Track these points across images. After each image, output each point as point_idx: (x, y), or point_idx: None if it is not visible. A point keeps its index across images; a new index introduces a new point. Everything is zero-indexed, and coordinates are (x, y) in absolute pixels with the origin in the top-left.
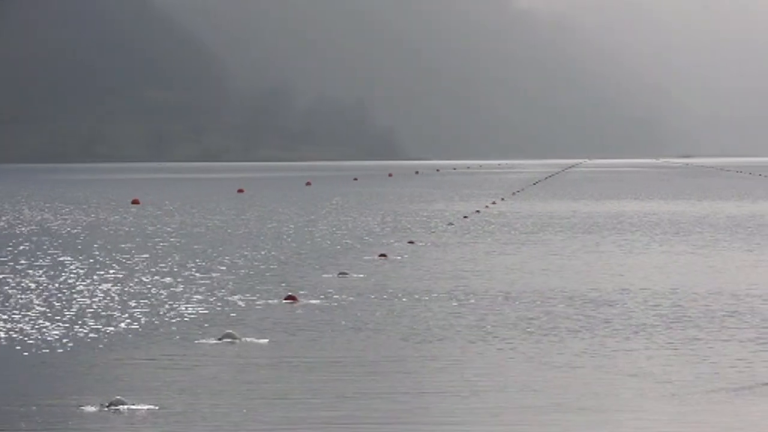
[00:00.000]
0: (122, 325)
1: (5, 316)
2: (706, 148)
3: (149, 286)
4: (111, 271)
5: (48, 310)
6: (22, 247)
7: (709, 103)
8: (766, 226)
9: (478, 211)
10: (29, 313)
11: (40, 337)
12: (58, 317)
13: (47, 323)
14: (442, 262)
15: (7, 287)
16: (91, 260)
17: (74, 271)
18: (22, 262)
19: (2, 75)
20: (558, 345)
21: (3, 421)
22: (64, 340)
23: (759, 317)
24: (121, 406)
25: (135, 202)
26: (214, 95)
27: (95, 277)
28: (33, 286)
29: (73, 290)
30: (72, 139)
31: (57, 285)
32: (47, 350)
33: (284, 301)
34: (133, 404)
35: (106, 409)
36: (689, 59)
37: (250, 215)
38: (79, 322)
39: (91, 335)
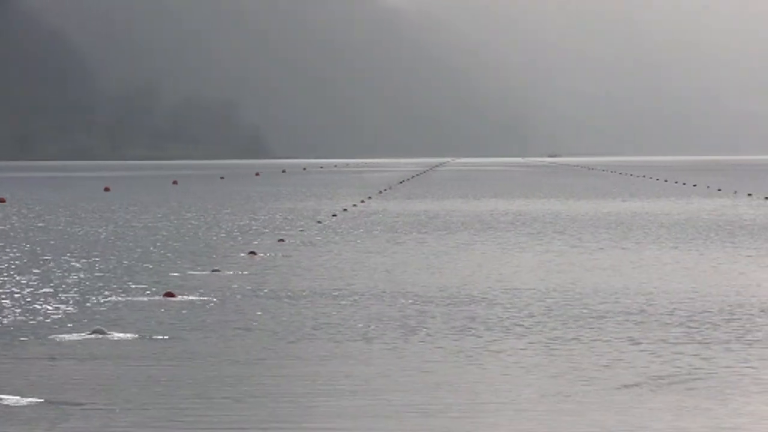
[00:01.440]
0: None
1: None
2: (572, 147)
3: (17, 285)
4: None
5: None
6: None
7: (575, 102)
8: (635, 224)
9: (346, 210)
10: None
11: None
12: None
13: None
14: (312, 259)
15: None
16: None
17: None
18: None
19: None
20: (431, 344)
21: None
22: None
23: (640, 316)
24: None
25: (0, 200)
26: (81, 93)
27: None
28: None
29: None
30: None
31: None
32: None
33: (163, 297)
34: None
35: None
36: (555, 58)
37: (118, 213)
38: None
39: None
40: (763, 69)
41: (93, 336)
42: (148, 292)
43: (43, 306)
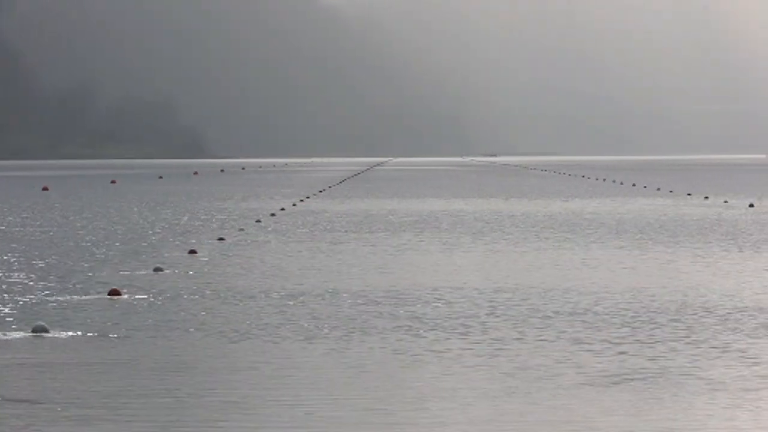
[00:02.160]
0: None
1: None
2: (511, 147)
3: None
4: None
5: None
6: None
7: (514, 102)
8: (578, 224)
9: (284, 209)
10: None
11: None
12: None
13: None
14: (252, 259)
15: None
16: None
17: None
18: None
19: None
20: (374, 344)
21: None
22: None
23: (586, 315)
24: None
25: None
26: (17, 93)
27: None
28: None
29: None
30: None
31: None
32: None
33: (107, 296)
34: None
35: None
36: (496, 58)
37: (57, 212)
38: None
39: None
40: (701, 70)
41: (34, 335)
42: (91, 291)
43: None
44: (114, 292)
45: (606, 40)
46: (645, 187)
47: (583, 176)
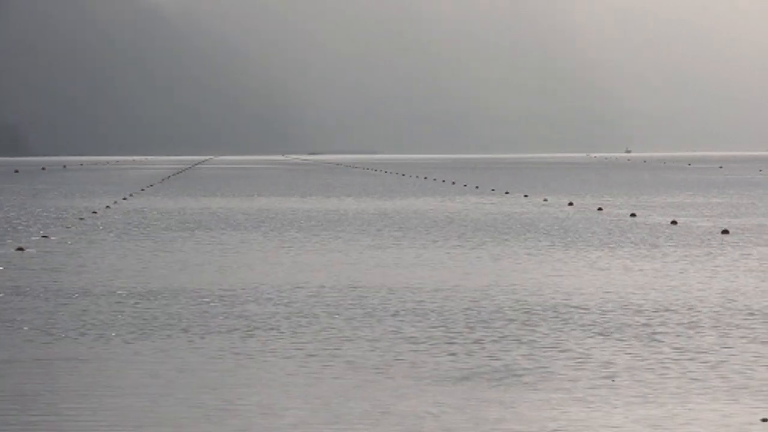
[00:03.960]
0: None
1: None
2: (332, 145)
3: None
4: None
5: None
6: None
7: (335, 101)
8: (408, 222)
9: (109, 207)
10: None
11: None
12: None
13: None
14: (77, 257)
15: None
16: None
17: None
18: None
19: None
20: (199, 344)
21: None
22: None
23: (426, 313)
24: None
25: None
26: None
27: None
28: None
29: None
30: None
31: None
32: None
33: None
34: None
35: None
36: (318, 56)
37: None
38: None
39: None
40: (530, 66)
41: None
42: None
43: None
44: None
45: (429, 35)
46: (465, 185)
47: (403, 174)
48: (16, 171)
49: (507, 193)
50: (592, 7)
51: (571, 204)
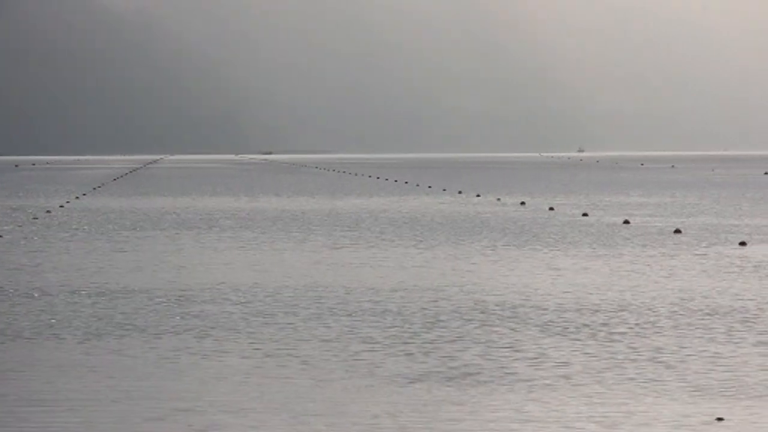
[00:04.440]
0: None
1: None
2: (286, 145)
3: None
4: None
5: None
6: None
7: (289, 100)
8: (359, 221)
9: (62, 206)
10: None
11: None
12: None
13: None
14: (30, 256)
15: None
16: None
17: None
18: None
19: None
20: (151, 344)
21: None
22: None
23: (383, 313)
24: None
25: None
26: None
27: None
28: None
29: None
30: None
31: None
32: None
33: None
34: None
35: None
36: (272, 53)
37: None
38: None
39: None
40: (484, 65)
41: None
42: None
43: None
44: None
45: (383, 36)
46: (418, 185)
47: (356, 174)
48: None
49: (460, 192)
50: (549, 4)
51: (523, 204)
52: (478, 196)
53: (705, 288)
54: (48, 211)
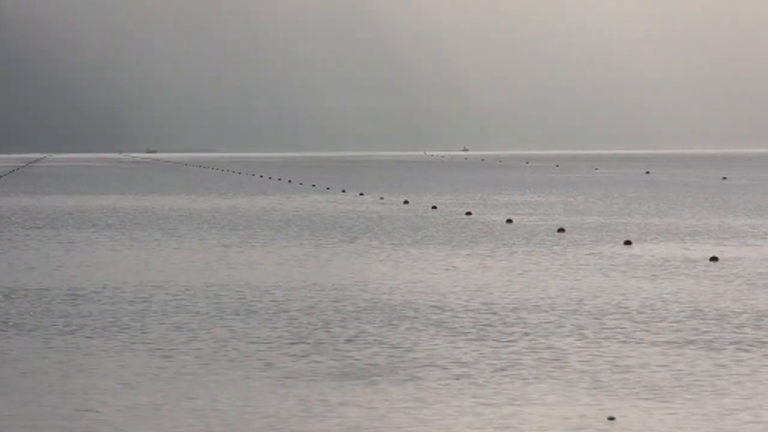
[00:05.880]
0: None
1: None
2: (170, 144)
3: None
4: None
5: None
6: None
7: (172, 99)
8: (249, 220)
9: None
10: None
11: None
12: None
13: None
14: None
15: None
16: None
17: None
18: None
19: None
20: (42, 344)
21: None
22: None
23: (279, 312)
24: None
25: None
26: None
27: None
28: None
29: None
30: None
31: None
32: None
33: None
34: None
35: None
36: (157, 49)
37: None
38: None
39: None
40: (368, 63)
41: None
42: None
43: None
44: None
45: (268, 35)
46: (301, 184)
47: (239, 173)
48: None
49: (343, 191)
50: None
51: (406, 202)
52: (361, 194)
53: (598, 287)
54: None
